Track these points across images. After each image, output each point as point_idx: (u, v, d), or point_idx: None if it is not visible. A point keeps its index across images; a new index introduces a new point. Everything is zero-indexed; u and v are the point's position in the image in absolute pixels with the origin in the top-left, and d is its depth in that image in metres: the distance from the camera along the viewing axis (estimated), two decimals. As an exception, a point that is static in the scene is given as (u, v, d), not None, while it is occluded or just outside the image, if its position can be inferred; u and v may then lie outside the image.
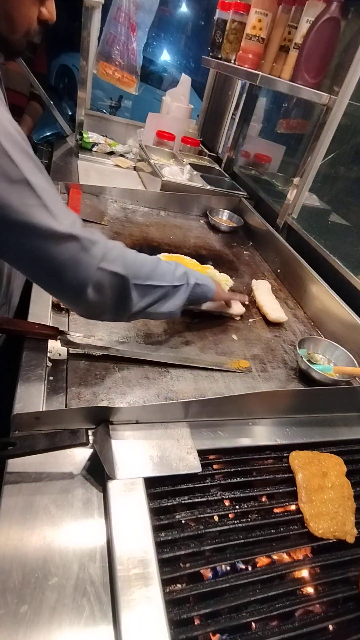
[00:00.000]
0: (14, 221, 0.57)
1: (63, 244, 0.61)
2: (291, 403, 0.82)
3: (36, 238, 0.59)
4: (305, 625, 0.54)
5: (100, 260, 0.66)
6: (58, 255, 0.61)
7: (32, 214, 0.57)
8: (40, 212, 0.58)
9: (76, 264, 0.63)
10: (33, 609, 0.47)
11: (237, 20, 1.42)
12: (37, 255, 0.61)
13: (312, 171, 1.41)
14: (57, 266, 0.62)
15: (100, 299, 0.68)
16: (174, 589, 0.53)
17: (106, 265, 0.66)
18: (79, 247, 0.63)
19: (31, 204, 0.57)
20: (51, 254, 0.61)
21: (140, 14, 1.88)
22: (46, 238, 0.59)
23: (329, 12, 1.17)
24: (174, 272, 0.81)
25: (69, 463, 0.62)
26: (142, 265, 0.74)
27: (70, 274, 0.64)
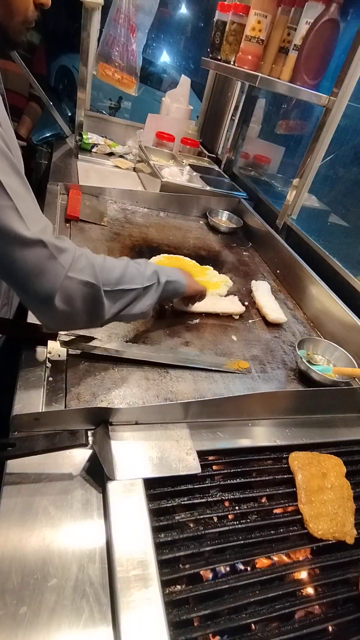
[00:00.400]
0: None
1: (29, 249, 0.58)
2: (291, 404, 0.82)
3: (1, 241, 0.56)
4: (305, 627, 0.54)
5: (69, 269, 0.63)
6: (23, 261, 0.58)
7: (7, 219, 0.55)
8: (8, 214, 0.56)
9: (42, 272, 0.61)
10: (32, 610, 0.46)
11: (237, 22, 1.42)
12: (2, 260, 0.58)
13: (311, 172, 1.41)
14: (22, 273, 0.60)
15: (69, 309, 0.65)
16: (173, 590, 0.53)
17: (75, 274, 0.64)
18: (47, 255, 0.60)
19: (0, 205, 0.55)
20: (16, 260, 0.58)
21: (140, 15, 1.88)
22: (11, 242, 0.57)
23: (328, 14, 1.17)
24: (144, 272, 0.79)
25: (68, 464, 0.62)
26: (111, 271, 0.72)
27: (36, 282, 0.61)
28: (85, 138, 1.97)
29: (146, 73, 4.14)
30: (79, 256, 0.66)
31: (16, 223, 0.56)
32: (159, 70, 4.36)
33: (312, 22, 1.20)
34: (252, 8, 1.32)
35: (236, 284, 1.30)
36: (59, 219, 1.28)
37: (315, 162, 1.38)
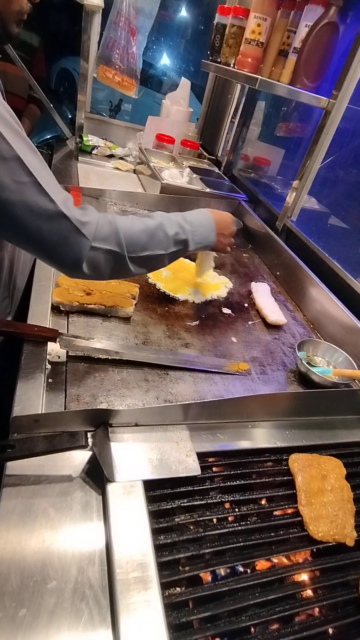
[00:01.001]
0: (6, 199, 0.57)
1: (54, 222, 0.62)
2: (291, 406, 0.82)
3: (27, 216, 0.59)
4: (304, 629, 0.54)
5: (93, 239, 0.67)
6: (49, 235, 0.62)
7: (24, 192, 0.58)
8: (32, 190, 0.58)
9: (67, 244, 0.64)
10: (31, 612, 0.46)
11: (237, 25, 1.43)
12: (30, 234, 0.61)
13: (311, 174, 1.41)
14: (49, 244, 0.63)
15: (97, 273, 0.70)
16: (173, 592, 0.53)
17: (99, 243, 0.68)
18: (70, 227, 0.64)
19: (23, 181, 0.58)
20: (43, 233, 0.61)
21: (140, 18, 1.89)
22: (37, 215, 0.60)
23: (328, 17, 1.18)
24: (173, 237, 0.80)
25: (68, 466, 0.62)
26: (137, 238, 0.74)
27: (62, 253, 0.65)
28: (85, 140, 1.98)
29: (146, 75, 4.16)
30: (103, 225, 0.69)
31: (39, 197, 0.59)
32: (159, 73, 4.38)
33: (312, 25, 1.21)
34: (251, 11, 1.32)
35: (236, 285, 1.30)
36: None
37: (314, 164, 1.39)
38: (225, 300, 1.21)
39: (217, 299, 1.19)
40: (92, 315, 0.95)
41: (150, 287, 1.14)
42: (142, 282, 1.13)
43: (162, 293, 1.13)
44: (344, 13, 1.21)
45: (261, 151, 2.11)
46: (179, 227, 0.83)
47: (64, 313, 0.92)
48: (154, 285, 1.15)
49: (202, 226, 0.89)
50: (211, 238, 0.91)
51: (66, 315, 0.92)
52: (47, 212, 0.61)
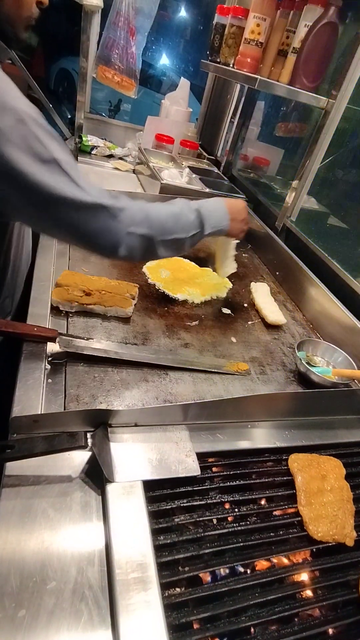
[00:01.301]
0: (50, 196, 0.63)
1: (93, 213, 0.69)
2: (290, 406, 0.82)
3: (70, 210, 0.66)
4: (304, 629, 0.54)
5: (128, 225, 0.74)
6: (90, 224, 0.69)
7: (64, 189, 0.64)
8: (70, 187, 0.65)
9: (107, 231, 0.72)
10: (31, 613, 0.46)
11: (236, 25, 1.43)
12: (73, 225, 0.68)
13: (310, 174, 1.41)
14: (91, 233, 0.71)
15: (131, 255, 0.78)
16: (172, 592, 0.53)
17: (134, 229, 0.75)
18: (108, 215, 0.71)
19: (62, 180, 0.64)
20: (84, 223, 0.69)
21: (140, 18, 1.89)
22: (78, 209, 0.67)
23: (327, 17, 1.18)
24: (193, 221, 0.88)
25: (67, 466, 0.62)
26: (165, 223, 0.82)
27: (101, 239, 0.72)
28: (84, 140, 1.98)
29: (146, 76, 4.16)
30: (136, 211, 0.76)
31: (79, 193, 0.66)
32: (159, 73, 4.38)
33: (311, 25, 1.21)
34: (251, 11, 1.32)
35: (235, 285, 1.30)
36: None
37: (314, 164, 1.39)
38: (225, 300, 1.21)
39: (216, 299, 1.19)
40: (92, 315, 0.95)
41: (150, 287, 1.14)
42: (141, 282, 1.13)
43: (161, 293, 1.13)
44: (343, 13, 1.21)
45: (260, 151, 2.11)
46: (196, 212, 0.90)
47: (64, 313, 0.92)
48: (154, 285, 1.15)
49: (217, 211, 0.96)
50: (225, 222, 0.97)
51: (66, 315, 0.92)
52: (87, 204, 0.67)
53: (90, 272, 1.10)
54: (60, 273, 0.99)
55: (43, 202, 0.64)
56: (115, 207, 0.71)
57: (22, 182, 0.62)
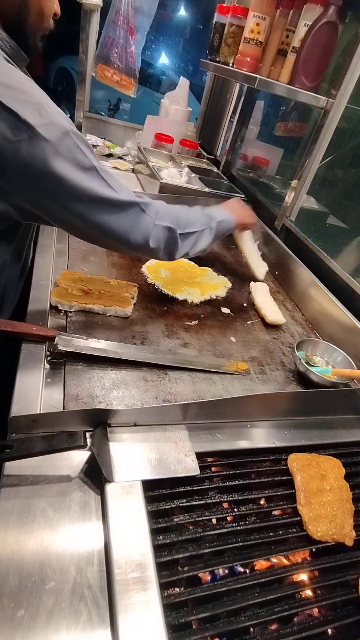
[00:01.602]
0: (91, 199, 0.73)
1: (127, 209, 0.79)
2: (289, 405, 0.82)
3: (108, 208, 0.76)
4: (304, 629, 0.54)
5: (155, 218, 0.84)
6: (125, 219, 0.79)
7: (102, 192, 0.74)
8: (107, 190, 0.75)
9: (138, 224, 0.82)
10: (30, 613, 0.46)
11: (235, 24, 1.43)
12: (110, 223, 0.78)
13: (309, 174, 1.41)
14: (123, 228, 0.80)
15: (158, 246, 0.87)
16: (172, 592, 0.53)
17: (160, 221, 0.85)
18: (139, 210, 0.81)
19: (101, 184, 0.74)
20: (120, 219, 0.79)
21: (139, 17, 1.89)
22: (114, 207, 0.77)
23: (327, 16, 1.18)
24: (202, 218, 0.98)
25: (66, 466, 0.62)
26: (181, 217, 0.92)
27: (134, 233, 0.81)
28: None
29: (145, 75, 4.15)
30: (159, 205, 0.86)
31: (114, 194, 0.76)
32: (158, 72, 4.37)
33: (311, 24, 1.21)
34: (250, 10, 1.32)
35: (235, 285, 1.30)
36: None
37: (313, 164, 1.39)
38: (224, 299, 1.21)
39: (216, 298, 1.19)
40: (91, 314, 0.95)
41: (149, 287, 1.14)
42: (140, 281, 1.13)
43: (161, 292, 1.13)
44: (343, 12, 1.21)
45: (260, 151, 2.11)
46: (202, 210, 1.01)
47: (63, 313, 0.92)
48: (153, 285, 1.15)
49: (217, 209, 1.06)
50: (227, 215, 1.06)
51: (65, 314, 0.92)
52: (121, 202, 0.77)
53: (90, 271, 1.10)
54: (59, 272, 0.99)
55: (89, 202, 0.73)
56: (144, 202, 0.82)
57: (69, 187, 0.70)
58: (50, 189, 0.70)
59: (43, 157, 0.66)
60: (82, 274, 1.03)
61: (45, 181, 0.69)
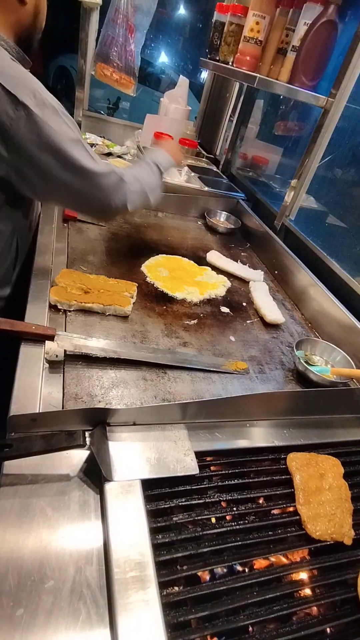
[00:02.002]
0: (77, 167, 0.86)
1: (107, 177, 0.93)
2: (289, 405, 0.82)
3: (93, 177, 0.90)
4: (302, 628, 0.54)
5: (130, 184, 0.99)
6: (106, 185, 0.93)
7: (85, 162, 0.87)
8: (89, 160, 0.88)
9: (117, 190, 0.96)
10: (29, 612, 0.46)
11: (235, 23, 1.42)
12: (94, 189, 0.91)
13: (309, 173, 1.41)
14: (105, 194, 0.94)
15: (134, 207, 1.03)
16: (171, 591, 0.53)
17: (133, 187, 1.00)
18: (118, 178, 0.95)
19: (84, 155, 0.87)
20: (102, 185, 0.92)
21: (138, 15, 1.88)
22: (97, 175, 0.90)
23: (327, 15, 1.18)
24: (156, 172, 1.15)
25: (65, 465, 0.62)
26: (144, 178, 1.07)
27: (114, 198, 0.96)
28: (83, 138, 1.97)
29: (144, 73, 4.14)
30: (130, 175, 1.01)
31: (95, 165, 0.89)
32: (158, 71, 4.37)
33: (311, 23, 1.21)
34: (250, 9, 1.32)
35: (234, 284, 1.30)
36: (56, 218, 1.27)
37: (313, 163, 1.39)
38: (224, 299, 1.21)
39: (215, 297, 1.19)
40: (90, 313, 0.95)
41: (149, 286, 1.14)
42: (140, 280, 1.13)
43: (160, 292, 1.13)
44: (343, 11, 1.21)
45: (259, 150, 2.11)
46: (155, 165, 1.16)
47: (62, 312, 0.92)
48: (152, 284, 1.14)
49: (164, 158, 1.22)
50: (170, 161, 1.25)
51: (64, 313, 0.92)
52: (102, 172, 0.91)
53: (89, 270, 1.09)
54: (58, 271, 0.99)
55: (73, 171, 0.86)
56: (120, 172, 0.96)
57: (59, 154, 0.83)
58: (45, 158, 0.83)
59: (37, 130, 0.80)
60: (82, 273, 1.03)
61: (40, 150, 0.82)
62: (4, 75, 0.77)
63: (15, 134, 0.80)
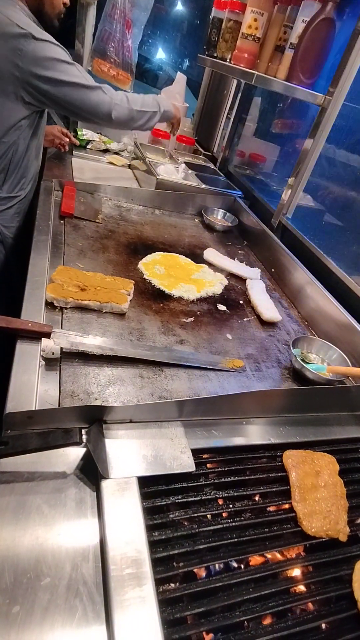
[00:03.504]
0: (72, 82, 1.23)
1: (95, 91, 1.28)
2: (285, 402, 0.83)
3: (81, 90, 1.25)
4: (298, 624, 0.54)
5: (114, 98, 1.32)
6: (93, 98, 1.28)
7: (79, 79, 1.24)
8: (81, 78, 1.24)
9: (102, 102, 1.30)
10: (25, 609, 0.46)
11: (233, 19, 1.42)
12: (83, 99, 1.27)
13: (306, 171, 1.41)
14: (94, 104, 1.29)
15: (121, 119, 1.37)
16: (167, 588, 0.53)
17: (117, 102, 1.33)
18: (102, 93, 1.29)
19: (77, 74, 1.24)
20: (90, 97, 1.28)
21: (136, 11, 1.87)
22: (86, 89, 1.26)
23: (325, 13, 1.18)
24: (153, 103, 1.46)
25: (62, 462, 0.62)
26: (137, 99, 1.40)
27: (101, 108, 1.31)
28: (80, 134, 1.96)
29: (142, 70, 4.11)
30: (118, 93, 1.35)
31: (85, 81, 1.25)
32: (155, 67, 4.34)
33: (309, 20, 1.20)
34: (248, 6, 1.32)
35: (231, 282, 1.30)
36: (53, 215, 1.27)
37: (310, 161, 1.39)
38: (221, 297, 1.21)
39: (212, 295, 1.19)
40: (87, 311, 0.94)
41: (145, 284, 1.13)
42: (137, 278, 1.13)
43: (157, 289, 1.13)
44: (341, 9, 1.21)
45: (257, 147, 2.11)
46: (155, 99, 1.47)
47: (58, 309, 0.92)
48: (149, 282, 1.14)
49: (166, 101, 1.54)
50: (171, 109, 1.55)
51: (60, 311, 0.92)
52: (91, 86, 1.27)
53: (86, 267, 1.09)
54: (55, 268, 0.99)
55: (68, 85, 1.22)
56: (107, 88, 1.30)
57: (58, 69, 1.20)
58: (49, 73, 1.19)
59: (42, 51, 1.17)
60: (78, 270, 1.02)
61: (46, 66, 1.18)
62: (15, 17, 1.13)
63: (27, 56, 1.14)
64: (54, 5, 1.24)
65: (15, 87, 1.18)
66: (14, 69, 1.15)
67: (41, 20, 1.25)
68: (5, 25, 1.12)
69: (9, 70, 1.15)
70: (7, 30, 1.12)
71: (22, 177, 1.39)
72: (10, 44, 1.13)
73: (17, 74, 1.16)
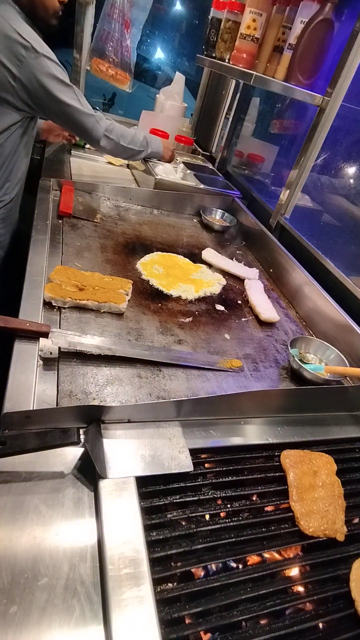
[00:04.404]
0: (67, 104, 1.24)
1: (88, 117, 1.31)
2: (283, 402, 0.83)
3: (75, 113, 1.27)
4: (295, 624, 0.54)
5: (105, 130, 1.37)
6: (86, 123, 1.32)
7: (74, 102, 1.25)
8: (76, 102, 1.26)
9: (94, 129, 1.34)
10: (22, 609, 0.46)
11: (232, 20, 1.42)
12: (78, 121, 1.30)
13: (305, 172, 1.41)
14: (85, 128, 1.33)
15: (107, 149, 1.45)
16: (165, 588, 0.53)
17: (108, 134, 1.39)
18: (95, 121, 1.33)
19: (74, 97, 1.25)
20: (84, 122, 1.31)
21: (135, 11, 1.87)
22: (80, 113, 1.28)
23: (323, 14, 1.18)
24: (142, 142, 1.53)
25: (59, 462, 0.62)
26: (127, 135, 1.46)
27: (92, 133, 1.35)
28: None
29: (140, 69, 4.11)
30: (110, 124, 1.40)
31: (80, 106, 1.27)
32: (154, 67, 4.34)
33: (307, 21, 1.21)
34: (247, 6, 1.32)
35: (229, 282, 1.30)
36: (51, 215, 1.27)
37: (308, 161, 1.39)
38: (219, 297, 1.21)
39: (210, 295, 1.19)
40: (85, 311, 0.94)
41: (144, 283, 1.13)
42: (135, 278, 1.13)
43: (155, 289, 1.13)
44: (340, 10, 1.21)
45: (255, 148, 2.11)
46: (144, 137, 1.54)
47: (56, 309, 0.91)
48: (148, 282, 1.14)
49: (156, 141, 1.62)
50: (160, 149, 1.64)
51: (58, 310, 0.91)
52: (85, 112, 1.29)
53: (84, 267, 1.09)
54: (53, 268, 0.99)
55: (62, 105, 1.24)
56: (100, 117, 1.35)
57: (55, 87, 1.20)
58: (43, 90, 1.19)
59: (41, 67, 1.16)
60: (76, 269, 1.02)
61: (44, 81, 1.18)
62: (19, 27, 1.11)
63: (25, 70, 1.14)
64: (46, 7, 1.20)
65: (7, 94, 1.16)
66: (9, 76, 1.14)
67: (35, 23, 1.21)
68: (5, 30, 1.10)
69: (4, 76, 1.13)
70: (7, 35, 1.11)
71: (7, 180, 1.35)
72: (9, 50, 1.11)
73: (11, 82, 1.14)
